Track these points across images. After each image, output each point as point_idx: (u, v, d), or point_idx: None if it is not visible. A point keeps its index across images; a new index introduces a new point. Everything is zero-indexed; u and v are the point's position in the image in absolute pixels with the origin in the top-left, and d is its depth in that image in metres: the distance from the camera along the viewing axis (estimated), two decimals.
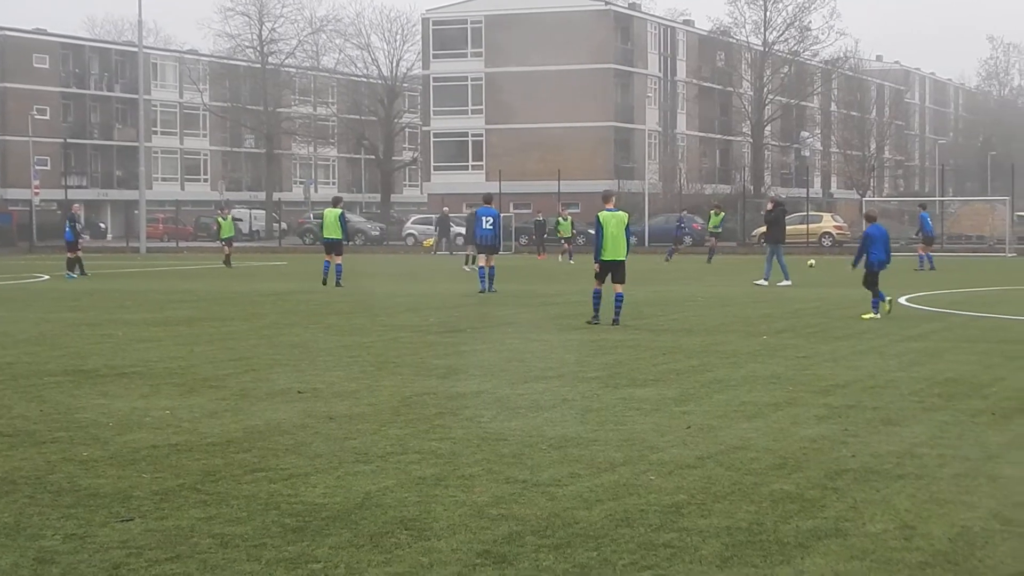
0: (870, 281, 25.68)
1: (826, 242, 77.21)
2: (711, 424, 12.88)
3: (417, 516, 9.20)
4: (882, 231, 26.30)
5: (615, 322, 24.23)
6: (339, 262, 37.69)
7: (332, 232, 37.71)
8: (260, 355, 19.37)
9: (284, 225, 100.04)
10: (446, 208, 76.18)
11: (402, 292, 35.00)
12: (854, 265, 26.56)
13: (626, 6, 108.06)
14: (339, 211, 38.26)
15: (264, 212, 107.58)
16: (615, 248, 24.43)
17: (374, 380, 16.36)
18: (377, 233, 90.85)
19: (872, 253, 25.77)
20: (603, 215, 24.57)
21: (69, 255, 45.71)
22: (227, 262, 53.11)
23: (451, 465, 10.93)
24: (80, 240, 46.85)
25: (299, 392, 15.26)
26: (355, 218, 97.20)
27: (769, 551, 8.28)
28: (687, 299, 31.68)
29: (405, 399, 14.69)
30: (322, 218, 39.35)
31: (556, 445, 11.80)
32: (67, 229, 46.24)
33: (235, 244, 56.20)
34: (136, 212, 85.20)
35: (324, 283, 37.52)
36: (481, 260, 34.31)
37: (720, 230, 59.40)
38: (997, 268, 51.87)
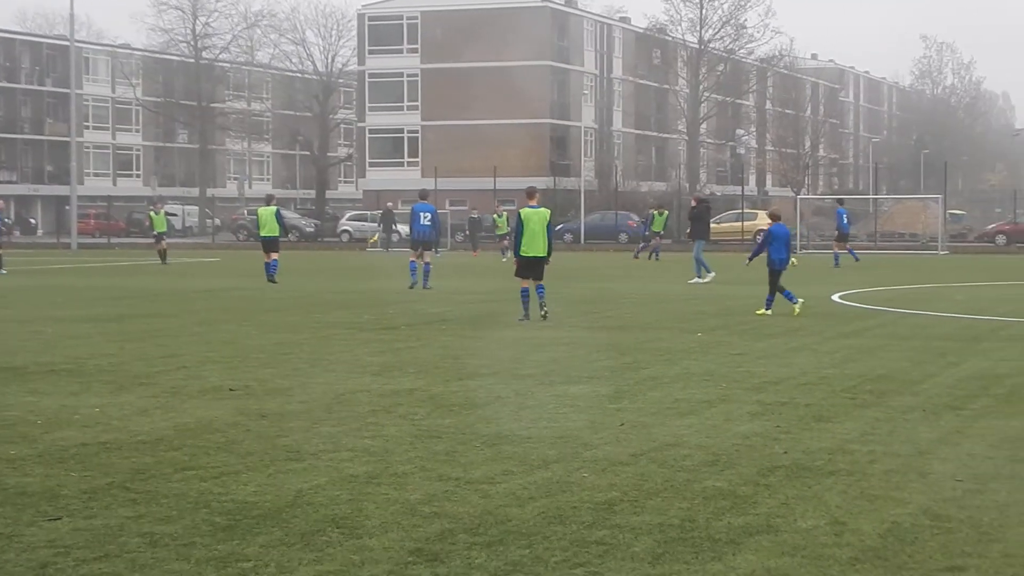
0: (774, 280, 25.78)
1: (760, 239, 77.45)
2: (645, 421, 12.88)
3: (349, 514, 9.15)
4: (784, 230, 26.48)
5: (544, 316, 24.33)
6: (275, 258, 37.77)
7: (270, 230, 37.93)
8: (192, 352, 19.22)
9: (217, 221, 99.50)
10: (390, 204, 75.85)
11: (337, 289, 34.86)
12: (749, 260, 26.88)
13: (562, 3, 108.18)
14: (274, 208, 38.46)
15: (197, 208, 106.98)
16: (535, 245, 24.46)
17: (307, 377, 16.28)
18: (312, 230, 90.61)
19: (773, 251, 25.90)
20: (525, 212, 24.79)
21: None
22: (162, 257, 52.60)
23: (384, 463, 10.88)
24: (1, 236, 46.17)
25: (231, 389, 15.15)
26: (290, 214, 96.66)
27: (701, 548, 8.29)
28: (623, 296, 31.76)
29: (338, 396, 14.62)
30: (257, 217, 39.36)
31: (490, 443, 11.78)
32: None
33: (168, 240, 55.71)
34: (67, 208, 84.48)
35: (269, 280, 37.34)
36: (414, 256, 34.31)
37: (663, 230, 59.31)
38: (930, 266, 52.33)
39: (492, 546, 8.33)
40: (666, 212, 60.23)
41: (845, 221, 51.95)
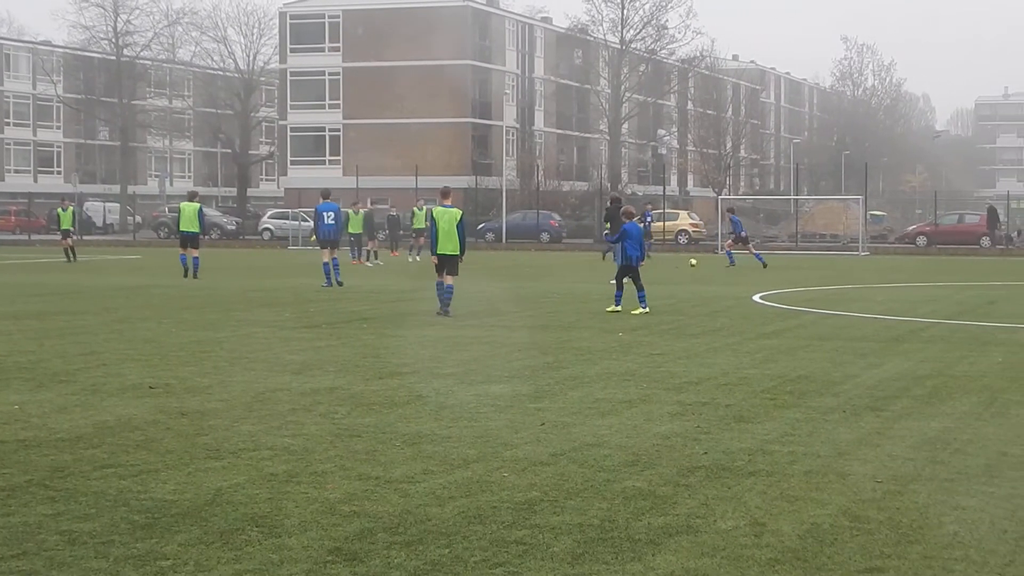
0: (627, 274, 26.50)
1: (682, 239, 77.92)
2: (565, 421, 12.91)
3: (268, 513, 9.12)
4: (638, 228, 27.41)
5: (446, 312, 25.06)
6: (196, 255, 38.29)
7: (190, 226, 38.46)
8: (112, 350, 19.08)
9: (139, 218, 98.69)
10: (394, 209, 74.02)
11: (258, 287, 34.70)
12: (603, 256, 27.33)
13: (484, 3, 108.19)
14: (197, 205, 39.00)
15: (119, 205, 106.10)
16: (448, 243, 25.34)
17: (227, 375, 16.21)
18: (233, 227, 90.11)
19: (628, 248, 26.52)
20: (436, 211, 25.63)
21: None
22: (70, 254, 51.60)
23: (304, 462, 10.86)
24: None
25: (151, 387, 15.05)
26: (211, 212, 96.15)
27: (621, 548, 8.32)
28: (543, 295, 31.80)
29: (258, 395, 14.56)
30: (179, 212, 39.56)
31: (410, 441, 11.77)
32: None
33: (87, 237, 55.16)
34: None
35: (185, 275, 38.01)
36: (325, 255, 34.76)
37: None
38: (850, 266, 52.74)
39: (411, 545, 8.33)
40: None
41: (740, 226, 52.92)
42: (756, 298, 30.75)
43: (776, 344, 20.36)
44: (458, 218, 25.51)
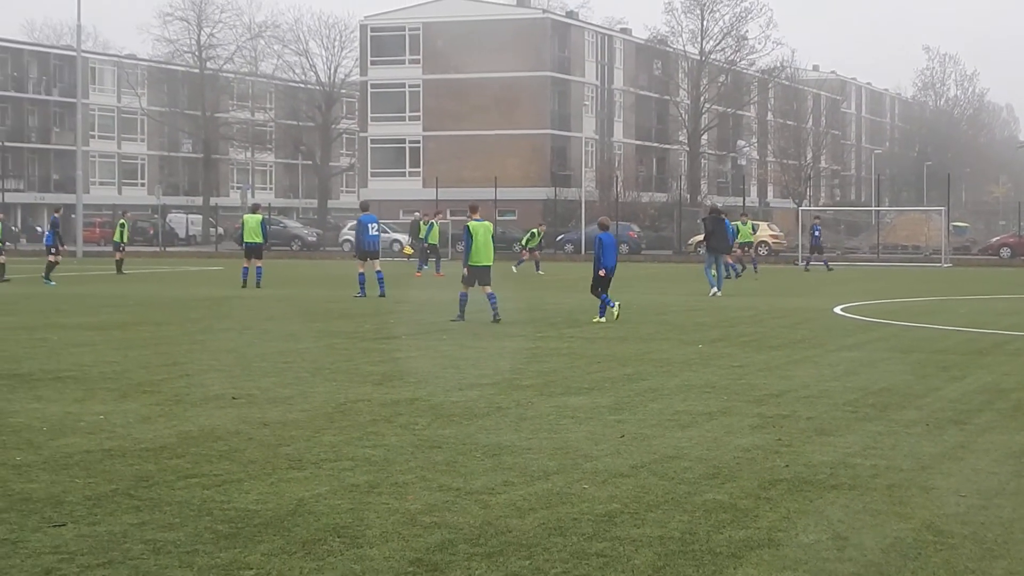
0: (602, 286, 27.08)
1: (763, 251, 77.53)
2: (645, 433, 12.89)
3: (350, 523, 9.17)
4: (612, 238, 27.91)
5: (496, 319, 26.03)
6: (260, 265, 39.64)
7: (254, 236, 39.81)
8: (194, 360, 19.25)
9: (221, 230, 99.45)
10: (417, 213, 74.46)
11: (337, 298, 34.84)
12: (595, 271, 27.63)
13: (563, 14, 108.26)
14: (260, 216, 40.81)
15: (201, 217, 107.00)
16: (485, 254, 26.87)
17: (308, 386, 16.30)
18: (314, 239, 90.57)
19: (605, 258, 27.13)
20: (472, 224, 27.10)
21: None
22: (118, 268, 51.22)
23: (384, 472, 10.90)
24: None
25: (233, 398, 15.17)
26: (292, 223, 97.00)
27: (702, 561, 8.29)
28: (622, 307, 31.68)
29: (339, 405, 14.64)
30: (242, 224, 40.81)
31: (490, 453, 11.79)
32: None
33: (170, 249, 55.51)
34: (73, 216, 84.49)
35: (244, 286, 39.10)
36: (362, 266, 35.33)
37: (752, 239, 57.52)
38: (933, 278, 52.26)
39: (492, 557, 8.35)
40: (750, 221, 58.20)
41: (816, 234, 55.85)
42: (837, 310, 30.55)
43: (857, 356, 20.21)
44: (492, 230, 27.33)
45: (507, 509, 9.60)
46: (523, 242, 57.63)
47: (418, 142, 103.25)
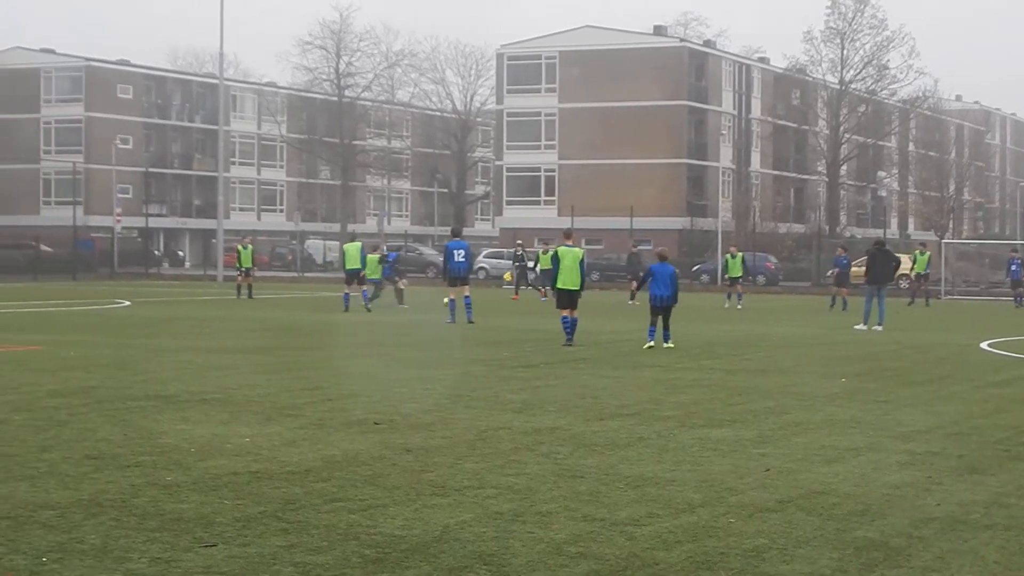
0: (658, 314, 27.49)
1: (903, 283, 76.47)
2: (790, 467, 12.72)
3: (495, 551, 9.15)
4: (667, 269, 28.06)
5: (569, 342, 27.57)
6: (365, 289, 43.29)
7: (353, 263, 43.53)
8: (335, 384, 19.41)
9: None
10: (520, 242, 75.43)
11: (475, 326, 34.94)
12: (632, 297, 27.91)
13: (701, 43, 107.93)
14: (359, 244, 44.55)
15: (338, 243, 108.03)
16: (570, 279, 28.04)
17: (449, 413, 16.33)
18: None
19: (653, 287, 27.65)
20: (561, 250, 28.40)
21: None
22: (241, 291, 51.82)
23: (528, 501, 10.87)
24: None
25: (375, 423, 15.24)
26: (427, 251, 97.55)
27: None
28: (761, 339, 31.48)
29: (480, 433, 14.65)
30: (342, 253, 43.88)
31: (633, 484, 11.72)
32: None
33: (307, 274, 56.17)
34: (214, 241, 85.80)
35: (346, 310, 41.47)
36: (452, 293, 35.67)
37: (928, 271, 57.81)
38: None
39: None
40: (928, 252, 58.63)
41: (1014, 268, 54.66)
42: (983, 345, 30.05)
43: (1007, 393, 19.82)
44: (580, 257, 28.32)
45: (653, 541, 9.52)
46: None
47: (553, 170, 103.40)
